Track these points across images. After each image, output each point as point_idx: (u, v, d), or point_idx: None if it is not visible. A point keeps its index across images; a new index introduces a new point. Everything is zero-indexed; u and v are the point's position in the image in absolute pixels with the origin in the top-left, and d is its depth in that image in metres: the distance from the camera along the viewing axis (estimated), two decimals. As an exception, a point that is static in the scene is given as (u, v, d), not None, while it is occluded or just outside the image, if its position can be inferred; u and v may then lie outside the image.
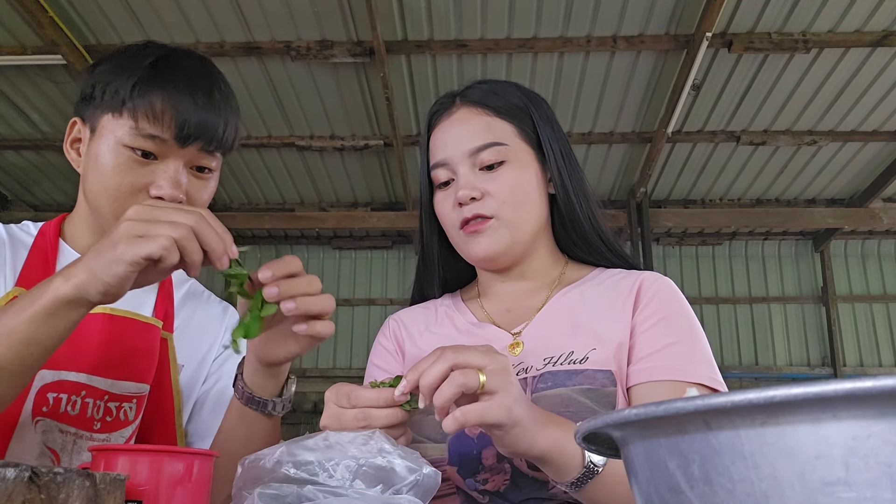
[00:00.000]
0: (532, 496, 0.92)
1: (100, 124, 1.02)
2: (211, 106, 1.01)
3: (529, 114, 1.09)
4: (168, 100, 0.98)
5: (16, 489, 0.50)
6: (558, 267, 1.13)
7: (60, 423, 1.00)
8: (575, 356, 0.98)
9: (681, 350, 0.97)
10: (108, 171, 0.99)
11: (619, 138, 5.71)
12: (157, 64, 1.01)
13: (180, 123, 0.98)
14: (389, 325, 1.17)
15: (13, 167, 6.20)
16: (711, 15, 4.14)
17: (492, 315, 1.11)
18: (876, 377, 0.30)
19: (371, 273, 7.71)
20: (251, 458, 0.67)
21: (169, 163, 1.00)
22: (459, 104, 1.10)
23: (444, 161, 1.07)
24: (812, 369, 7.23)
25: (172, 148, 0.99)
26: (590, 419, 0.42)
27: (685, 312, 1.02)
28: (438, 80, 5.00)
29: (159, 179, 0.99)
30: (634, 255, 6.18)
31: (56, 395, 1.00)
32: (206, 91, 1.02)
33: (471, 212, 1.04)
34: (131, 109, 0.98)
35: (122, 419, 1.05)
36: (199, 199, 1.05)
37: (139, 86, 0.98)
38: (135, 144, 0.98)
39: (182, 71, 1.02)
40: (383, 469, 0.66)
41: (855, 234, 7.27)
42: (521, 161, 1.06)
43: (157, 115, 0.98)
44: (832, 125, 5.56)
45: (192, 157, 1.02)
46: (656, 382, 0.95)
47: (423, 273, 1.20)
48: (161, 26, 4.52)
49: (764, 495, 0.33)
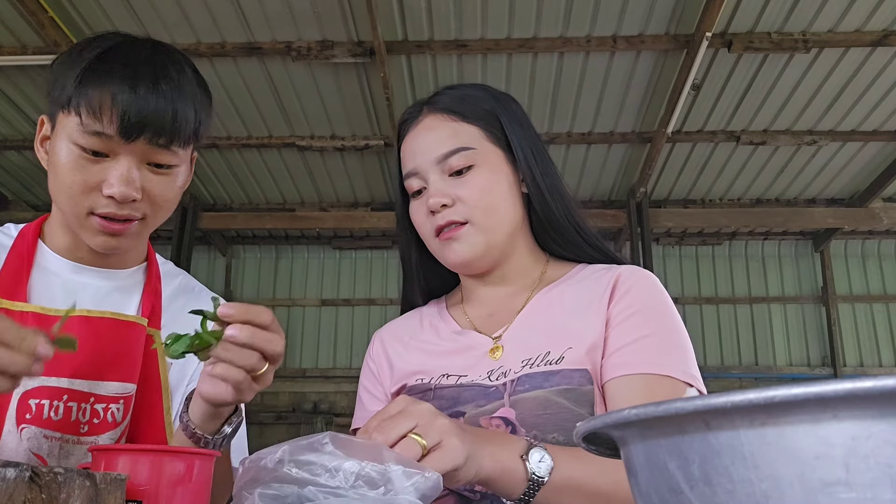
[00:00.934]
0: None
1: (57, 121, 1.00)
2: (156, 96, 0.95)
3: (497, 116, 1.09)
4: (107, 92, 0.93)
5: (17, 489, 0.50)
6: (539, 266, 1.13)
7: (45, 429, 0.98)
8: (551, 356, 0.98)
9: (653, 343, 0.96)
10: (63, 169, 0.97)
11: (619, 138, 5.70)
12: (101, 56, 0.97)
13: (121, 117, 0.93)
14: (374, 343, 1.19)
15: (14, 167, 6.20)
16: (711, 15, 4.13)
17: (474, 321, 1.11)
18: (876, 377, 0.30)
19: (371, 273, 7.71)
20: (252, 457, 0.68)
21: (120, 160, 0.96)
22: (426, 112, 1.11)
23: (415, 170, 1.08)
24: (812, 369, 7.23)
25: (119, 144, 0.95)
26: (589, 419, 0.42)
27: (662, 305, 1.01)
28: (438, 80, 5.00)
29: (110, 177, 0.96)
30: (633, 256, 6.18)
31: (38, 402, 0.98)
32: (150, 79, 0.95)
33: (444, 219, 1.04)
34: (76, 106, 0.94)
35: (110, 421, 1.03)
36: (162, 195, 1.02)
37: (80, 80, 0.95)
38: (82, 142, 0.95)
39: (124, 61, 0.96)
40: (384, 471, 0.66)
41: (855, 234, 7.27)
42: (491, 164, 1.06)
43: (96, 110, 0.93)
44: (832, 125, 5.56)
45: (144, 153, 0.97)
46: (629, 377, 0.94)
47: (405, 283, 1.21)
48: (162, 26, 4.52)
49: (764, 495, 0.33)
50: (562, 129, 5.59)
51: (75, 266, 1.08)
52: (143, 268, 1.16)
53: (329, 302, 7.60)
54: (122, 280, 1.12)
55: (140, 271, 1.15)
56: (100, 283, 1.10)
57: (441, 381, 1.04)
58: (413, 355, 1.11)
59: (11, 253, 1.05)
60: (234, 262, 7.72)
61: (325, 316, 7.57)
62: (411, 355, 1.11)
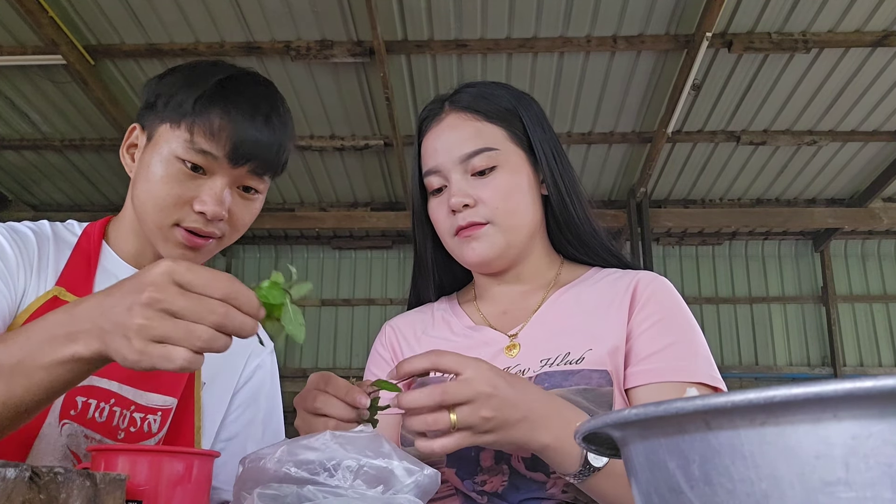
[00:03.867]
0: (530, 496, 0.92)
1: (157, 133, 1.03)
2: (268, 130, 1.02)
3: (519, 116, 1.09)
4: (227, 119, 0.99)
5: (16, 489, 0.50)
6: (554, 268, 1.13)
7: (87, 428, 1.00)
8: (571, 357, 0.98)
9: (680, 350, 0.97)
10: (157, 180, 1.00)
11: (619, 138, 5.70)
12: (223, 83, 1.03)
13: (235, 143, 0.99)
14: (385, 332, 1.18)
15: (13, 167, 6.20)
16: (711, 15, 4.14)
17: (488, 318, 1.11)
18: (876, 377, 0.30)
19: (371, 273, 7.71)
20: (252, 456, 0.68)
21: (216, 179, 1.01)
22: (449, 109, 1.10)
23: (436, 168, 1.07)
24: (812, 369, 7.23)
25: (223, 166, 1.00)
26: (590, 419, 0.42)
27: (682, 312, 1.02)
28: (438, 80, 5.00)
29: (204, 195, 1.00)
30: (633, 256, 6.18)
31: (85, 400, 0.99)
32: (266, 115, 1.03)
33: (465, 220, 1.04)
34: (190, 123, 0.99)
35: (146, 431, 1.05)
36: (242, 219, 1.06)
37: (201, 101, 1.00)
38: (186, 157, 0.99)
39: (246, 93, 1.03)
40: (384, 469, 0.66)
41: (855, 234, 7.27)
42: (513, 165, 1.06)
43: (213, 132, 0.99)
44: (832, 125, 5.56)
45: (240, 177, 1.03)
46: (658, 384, 0.95)
47: (419, 278, 1.20)
48: (161, 26, 4.52)
49: (764, 495, 0.33)
50: (562, 129, 5.59)
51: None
52: None
53: (329, 302, 7.60)
54: None
55: None
56: None
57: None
58: (426, 349, 1.10)
59: (76, 250, 1.07)
60: (233, 262, 7.73)
61: (324, 316, 7.57)
62: (424, 348, 1.10)
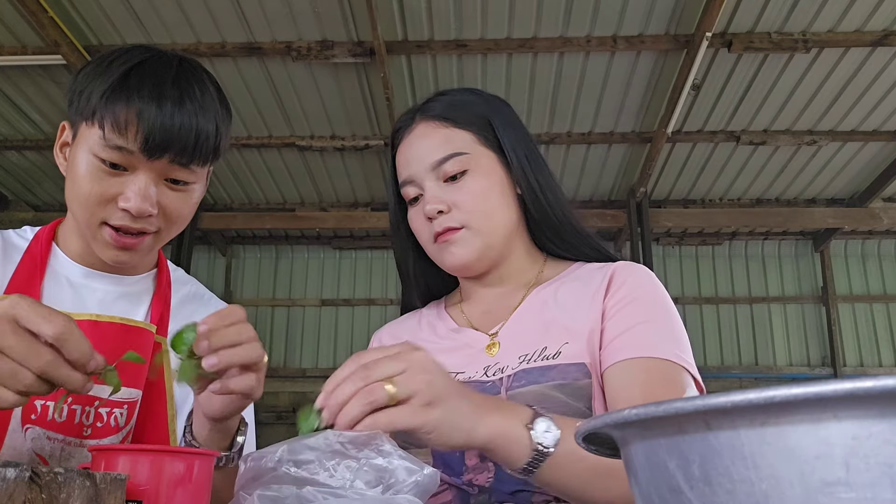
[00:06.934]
0: (520, 488, 0.94)
1: (78, 131, 1.00)
2: (182, 115, 0.96)
3: (489, 120, 1.10)
4: (133, 110, 0.94)
5: (17, 489, 0.50)
6: (536, 266, 1.15)
7: (48, 430, 0.99)
8: (548, 352, 0.99)
9: (649, 329, 0.97)
10: (81, 178, 0.98)
11: (619, 138, 5.70)
12: (129, 71, 0.97)
13: (146, 135, 0.94)
14: (374, 343, 1.20)
15: (14, 167, 6.20)
16: (711, 15, 4.13)
17: (471, 319, 1.13)
18: (876, 377, 0.30)
19: (371, 273, 7.71)
20: (251, 456, 0.68)
21: (139, 174, 0.97)
22: (419, 119, 1.12)
23: (410, 178, 1.10)
24: (812, 369, 7.23)
25: (140, 160, 0.96)
26: (590, 419, 0.42)
27: (657, 296, 1.02)
28: (438, 80, 5.00)
29: (128, 191, 0.97)
30: (633, 256, 6.18)
31: (43, 403, 0.98)
32: (176, 99, 0.96)
33: (441, 226, 1.06)
34: (100, 119, 0.95)
35: (113, 425, 1.04)
36: (178, 211, 1.03)
37: (107, 94, 0.95)
38: (102, 155, 0.96)
39: (152, 79, 0.97)
40: (384, 469, 0.66)
41: (855, 234, 7.27)
42: (485, 168, 1.08)
43: (121, 126, 0.94)
44: (832, 125, 5.56)
45: (164, 170, 0.98)
46: (626, 361, 0.95)
47: (404, 287, 1.24)
48: (162, 27, 4.52)
49: (764, 495, 0.33)
50: (562, 130, 5.59)
51: (86, 271, 1.09)
52: (153, 274, 1.16)
53: (329, 302, 7.60)
54: (131, 286, 1.12)
55: (150, 278, 1.15)
56: (109, 288, 1.10)
57: None
58: None
59: (26, 256, 1.06)
60: (234, 262, 7.72)
61: (325, 316, 7.57)
62: None
